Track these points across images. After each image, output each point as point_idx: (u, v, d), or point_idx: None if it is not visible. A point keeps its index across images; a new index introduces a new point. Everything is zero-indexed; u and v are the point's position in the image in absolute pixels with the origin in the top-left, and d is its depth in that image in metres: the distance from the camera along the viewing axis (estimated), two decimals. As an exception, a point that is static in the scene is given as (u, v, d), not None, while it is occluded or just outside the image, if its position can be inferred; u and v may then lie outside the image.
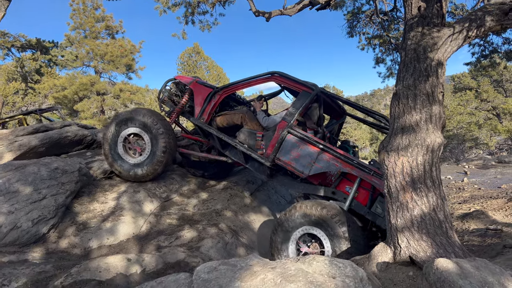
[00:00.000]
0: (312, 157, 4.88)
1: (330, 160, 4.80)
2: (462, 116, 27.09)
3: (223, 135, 5.60)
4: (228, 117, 5.81)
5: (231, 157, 5.81)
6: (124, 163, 5.81)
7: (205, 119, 5.81)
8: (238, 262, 2.20)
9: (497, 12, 3.47)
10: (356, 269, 2.13)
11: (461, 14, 7.24)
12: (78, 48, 23.70)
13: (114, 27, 25.24)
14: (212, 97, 5.81)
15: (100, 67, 24.27)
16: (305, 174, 4.92)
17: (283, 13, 5.74)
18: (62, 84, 23.38)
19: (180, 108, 6.15)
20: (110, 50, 23.55)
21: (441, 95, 3.51)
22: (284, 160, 5.06)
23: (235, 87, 5.77)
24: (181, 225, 5.28)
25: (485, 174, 15.15)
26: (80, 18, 23.70)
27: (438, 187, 3.26)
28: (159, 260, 4.04)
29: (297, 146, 4.99)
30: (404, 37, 3.87)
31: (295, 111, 5.09)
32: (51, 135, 6.54)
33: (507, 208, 8.07)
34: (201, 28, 7.17)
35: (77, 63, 23.74)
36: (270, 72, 5.46)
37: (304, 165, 4.92)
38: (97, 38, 24.43)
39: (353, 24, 8.88)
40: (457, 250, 2.98)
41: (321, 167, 4.84)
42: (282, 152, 5.07)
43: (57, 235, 4.61)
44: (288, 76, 5.38)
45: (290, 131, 5.02)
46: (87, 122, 20.07)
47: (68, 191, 5.00)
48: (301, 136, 4.98)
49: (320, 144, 4.87)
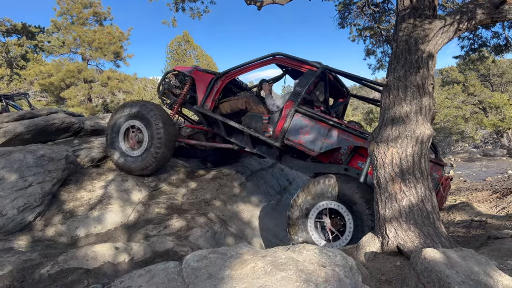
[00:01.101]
0: (322, 133, 4.77)
1: (341, 135, 4.69)
2: (449, 109, 27.42)
3: (229, 121, 5.49)
4: (232, 102, 5.73)
5: (237, 143, 5.72)
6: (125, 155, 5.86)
7: (208, 106, 5.70)
8: (228, 251, 2.19)
9: (488, 5, 3.49)
10: (346, 258, 2.15)
11: (452, 7, 7.26)
12: (65, 34, 23.23)
13: (102, 14, 24.76)
14: (215, 83, 5.71)
15: (88, 54, 23.86)
16: (316, 151, 4.80)
17: (275, 1, 5.68)
18: (48, 70, 22.91)
19: (182, 98, 6.09)
20: (98, 37, 23.14)
21: (431, 87, 3.53)
22: (294, 139, 4.94)
23: (238, 71, 5.66)
24: (170, 214, 5.26)
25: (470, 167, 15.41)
26: (67, 3, 23.16)
27: (427, 178, 3.30)
28: (148, 249, 4.02)
29: (306, 124, 4.88)
30: (396, 29, 3.87)
31: (301, 89, 4.99)
32: (37, 122, 6.42)
33: (492, 200, 8.23)
34: (191, 15, 7.07)
35: (64, 50, 23.28)
36: (272, 54, 5.35)
37: (314, 142, 4.80)
38: (85, 24, 23.94)
39: (344, 15, 8.84)
40: (444, 241, 3.02)
41: (332, 143, 4.74)
42: (291, 132, 4.95)
43: (44, 223, 4.55)
44: (292, 56, 5.27)
45: (297, 109, 4.92)
46: (74, 110, 19.77)
47: (55, 179, 4.93)
48: (309, 114, 4.88)
49: (330, 120, 4.76)
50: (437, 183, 4.14)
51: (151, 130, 5.57)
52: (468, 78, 29.88)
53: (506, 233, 4.35)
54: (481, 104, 29.09)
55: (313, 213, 4.48)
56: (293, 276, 1.83)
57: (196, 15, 7.10)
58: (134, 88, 26.09)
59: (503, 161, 16.06)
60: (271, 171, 7.95)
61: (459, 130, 28.18)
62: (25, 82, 25.31)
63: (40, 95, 26.06)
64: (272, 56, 5.35)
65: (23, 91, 23.89)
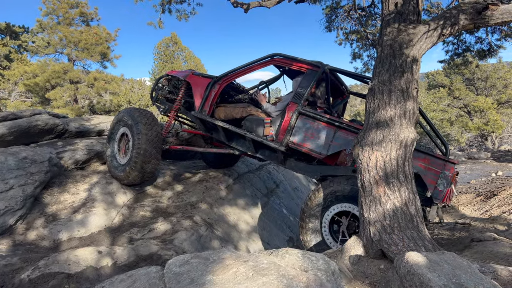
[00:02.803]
0: (329, 135, 4.61)
1: (349, 136, 4.52)
2: (435, 113, 27.78)
3: (230, 126, 5.27)
4: (227, 110, 5.60)
5: (238, 148, 5.53)
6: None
7: (207, 111, 5.50)
8: (211, 255, 2.17)
9: (471, 11, 3.53)
10: (328, 262, 2.14)
11: (437, 12, 7.35)
12: (50, 35, 22.88)
13: (89, 14, 24.48)
14: (212, 88, 5.52)
15: (74, 55, 23.55)
16: (323, 154, 4.65)
17: (261, 4, 5.69)
18: (33, 71, 22.55)
19: (178, 104, 5.88)
20: (85, 37, 22.87)
21: (416, 91, 3.56)
22: (299, 143, 4.77)
23: (235, 74, 5.50)
24: (155, 217, 5.21)
25: (455, 170, 15.57)
26: (53, 3, 22.82)
27: (410, 181, 3.32)
28: (131, 252, 3.97)
29: (311, 126, 4.71)
30: (381, 33, 3.90)
31: (304, 91, 4.82)
32: (20, 124, 6.30)
33: (475, 203, 8.34)
34: (178, 17, 7.02)
35: (50, 50, 22.93)
36: (270, 55, 5.21)
37: (321, 145, 4.64)
38: (71, 24, 23.63)
39: (331, 18, 8.90)
40: (427, 244, 3.04)
41: (339, 145, 4.58)
42: (295, 135, 4.78)
43: (25, 226, 4.46)
44: (291, 57, 5.13)
45: (301, 111, 4.74)
46: (59, 111, 19.49)
47: (37, 181, 4.83)
48: (313, 115, 4.70)
49: (336, 122, 4.61)
50: (449, 181, 4.13)
51: (133, 139, 5.40)
52: (454, 82, 30.34)
53: (489, 236, 4.41)
54: (466, 108, 29.57)
55: (327, 216, 4.37)
56: (275, 281, 1.82)
57: (183, 17, 7.07)
58: (121, 89, 25.83)
59: (487, 164, 16.32)
60: (258, 174, 7.94)
61: (445, 133, 28.55)
62: (9, 82, 24.89)
63: (24, 96, 25.66)
64: (270, 57, 5.20)
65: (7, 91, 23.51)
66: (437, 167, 4.16)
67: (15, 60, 25.97)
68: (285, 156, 5.08)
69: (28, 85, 22.39)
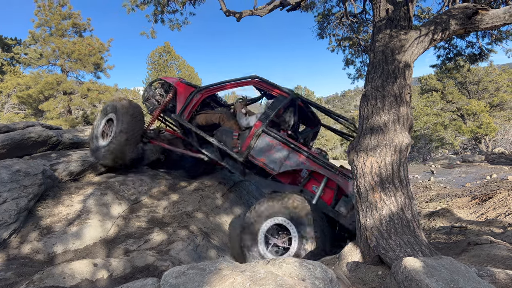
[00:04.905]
0: (283, 155, 5.07)
1: (300, 159, 4.99)
2: (429, 116, 27.94)
3: (200, 132, 5.77)
4: (208, 116, 6.06)
5: (207, 154, 5.94)
6: None
7: (185, 116, 6.00)
8: (207, 266, 2.15)
9: (461, 16, 3.56)
10: (326, 270, 2.13)
11: (427, 18, 7.42)
12: (43, 46, 22.76)
13: (82, 25, 24.41)
14: (194, 96, 6.01)
15: (67, 66, 23.42)
16: (275, 171, 5.10)
17: (253, 13, 5.71)
18: (26, 83, 22.40)
19: (164, 105, 6.37)
20: (78, 48, 22.78)
21: (409, 96, 3.58)
22: (256, 157, 5.24)
23: (217, 88, 5.99)
24: (151, 228, 5.17)
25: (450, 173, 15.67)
26: (45, 15, 22.74)
27: (406, 186, 3.32)
28: (127, 264, 3.93)
29: (270, 144, 5.16)
30: (373, 39, 3.92)
31: (271, 112, 5.27)
32: (13, 136, 6.26)
33: (471, 206, 8.37)
34: (170, 27, 7.04)
35: (43, 61, 22.78)
36: (250, 76, 5.68)
37: (275, 162, 5.11)
38: (64, 35, 23.54)
39: (323, 25, 8.96)
40: (424, 249, 3.03)
41: (290, 165, 5.03)
42: (255, 150, 5.24)
43: (19, 240, 4.41)
44: (267, 81, 5.62)
45: (264, 130, 5.19)
46: (53, 122, 19.38)
47: (31, 194, 4.79)
48: (274, 135, 5.15)
49: (292, 144, 5.04)
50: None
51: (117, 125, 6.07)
52: (446, 86, 30.52)
53: (485, 239, 4.41)
54: (459, 111, 29.73)
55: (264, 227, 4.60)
56: (272, 291, 1.80)
57: (176, 27, 7.08)
58: (115, 99, 25.61)
59: (481, 167, 16.39)
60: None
61: (439, 136, 28.68)
62: (2, 94, 24.74)
63: (18, 108, 25.49)
64: (250, 78, 5.68)
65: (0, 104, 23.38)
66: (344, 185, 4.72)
67: (7, 72, 25.82)
68: (245, 167, 5.58)
69: (21, 97, 22.23)
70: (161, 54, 32.80)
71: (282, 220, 4.49)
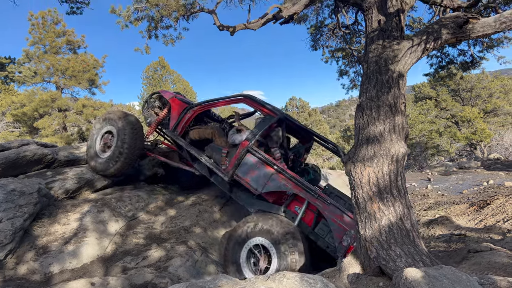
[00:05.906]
0: (266, 176, 5.13)
1: (282, 181, 5.03)
2: (424, 124, 28.04)
3: (191, 148, 5.86)
4: (201, 131, 6.18)
5: (198, 170, 6.03)
6: None
7: (178, 132, 6.14)
8: (206, 283, 2.12)
9: (452, 25, 3.60)
10: (327, 284, 2.10)
11: (419, 27, 7.52)
12: (37, 64, 22.78)
13: (76, 42, 24.50)
14: (187, 112, 6.13)
15: (62, 83, 23.42)
16: (258, 191, 5.16)
17: (247, 27, 5.77)
18: (20, 101, 22.37)
19: (160, 119, 6.50)
20: (72, 65, 22.81)
21: (403, 105, 3.59)
22: (242, 176, 5.30)
23: (209, 105, 6.08)
24: (148, 244, 5.11)
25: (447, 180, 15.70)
26: (39, 32, 22.83)
27: (404, 196, 3.31)
28: (125, 282, 3.88)
29: (254, 165, 5.23)
30: (366, 50, 3.95)
31: (257, 132, 5.32)
32: (8, 155, 6.20)
33: (469, 213, 8.36)
34: (164, 42, 7.08)
35: (37, 79, 22.78)
36: (241, 94, 5.79)
37: (258, 183, 5.17)
38: (58, 53, 23.59)
39: (317, 37, 9.06)
40: (425, 258, 3.01)
41: (273, 186, 5.08)
42: (240, 169, 5.31)
43: (15, 261, 4.34)
44: (256, 100, 5.71)
45: (249, 150, 5.24)
46: (48, 140, 19.32)
47: (27, 213, 4.73)
48: (258, 156, 5.21)
49: (275, 166, 5.10)
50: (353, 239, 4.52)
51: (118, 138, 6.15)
52: (440, 94, 30.78)
53: (485, 246, 4.39)
54: (454, 118, 29.93)
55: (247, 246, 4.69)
56: (274, 307, 1.77)
57: (170, 42, 7.12)
58: (111, 115, 25.55)
59: (477, 173, 16.44)
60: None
61: (434, 144, 28.76)
62: (-3, 113, 24.66)
63: (12, 126, 25.39)
64: (241, 96, 5.78)
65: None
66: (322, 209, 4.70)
67: (1, 90, 25.80)
68: (232, 185, 5.65)
69: (16, 115, 22.17)
70: (155, 69, 32.95)
71: (262, 241, 4.57)
